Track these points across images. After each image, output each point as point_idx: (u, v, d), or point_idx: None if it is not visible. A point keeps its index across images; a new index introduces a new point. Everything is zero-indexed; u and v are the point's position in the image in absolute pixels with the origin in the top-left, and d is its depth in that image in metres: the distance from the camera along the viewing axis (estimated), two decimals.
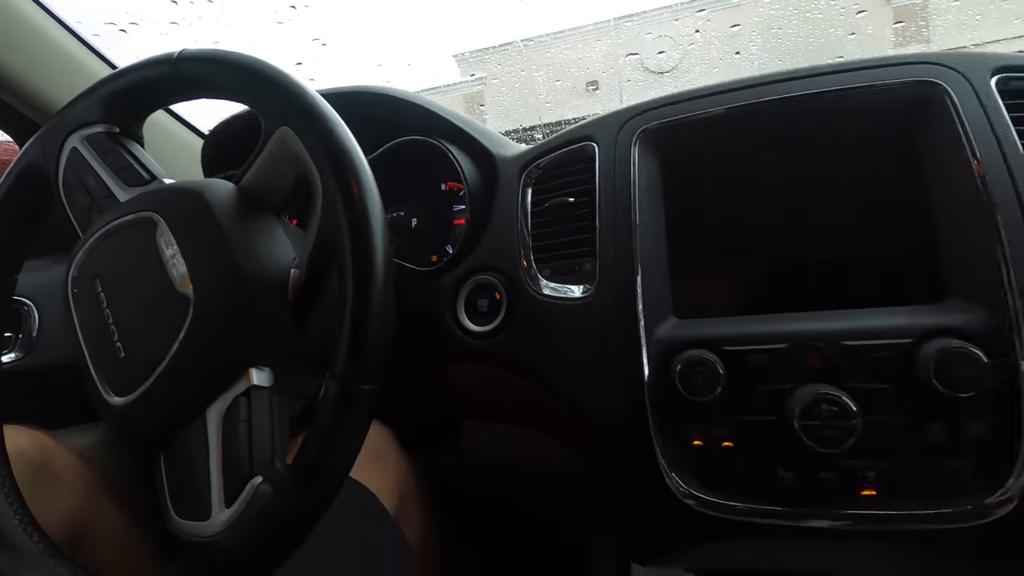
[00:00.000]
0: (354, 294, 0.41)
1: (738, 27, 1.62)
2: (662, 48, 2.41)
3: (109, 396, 0.48)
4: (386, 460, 0.68)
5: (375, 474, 0.64)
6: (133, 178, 0.54)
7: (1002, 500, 0.48)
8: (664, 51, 2.39)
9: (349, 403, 0.40)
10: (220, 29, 0.71)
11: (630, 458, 0.59)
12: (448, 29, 3.93)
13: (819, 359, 0.53)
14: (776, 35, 1.85)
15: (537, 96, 2.32)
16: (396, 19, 4.23)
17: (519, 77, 2.49)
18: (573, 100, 2.61)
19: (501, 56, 2.98)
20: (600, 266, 0.63)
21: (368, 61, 2.52)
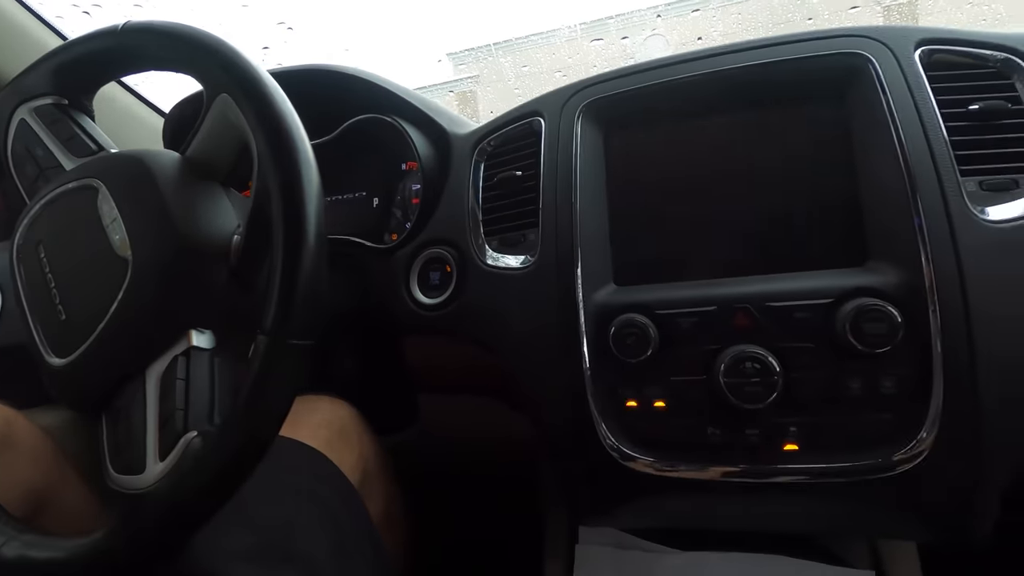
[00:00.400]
0: (284, 251, 0.41)
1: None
2: (655, 46, 2.43)
3: (50, 357, 0.49)
4: (350, 437, 0.69)
5: (339, 450, 0.65)
6: (80, 148, 0.55)
7: (913, 454, 0.51)
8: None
9: (278, 358, 0.41)
10: (185, 12, 0.71)
11: (570, 422, 0.60)
12: (436, 26, 3.91)
13: (745, 320, 0.55)
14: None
15: (525, 94, 2.32)
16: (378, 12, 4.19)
17: (508, 77, 2.51)
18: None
19: (491, 55, 2.99)
20: (542, 237, 0.64)
21: (336, 46, 2.50)
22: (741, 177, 0.61)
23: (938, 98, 0.55)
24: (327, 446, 0.66)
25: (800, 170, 0.59)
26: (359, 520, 0.63)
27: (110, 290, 0.46)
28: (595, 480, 0.61)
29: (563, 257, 0.62)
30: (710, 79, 0.61)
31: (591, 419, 0.58)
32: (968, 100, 0.55)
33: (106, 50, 0.53)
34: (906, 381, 0.51)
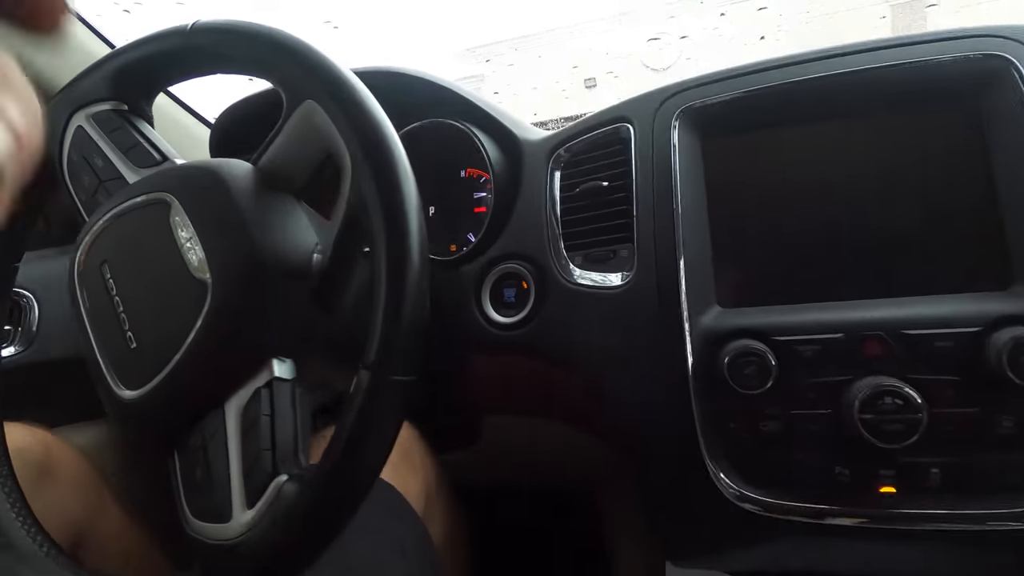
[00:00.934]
0: (388, 277, 0.38)
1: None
2: (659, 45, 2.40)
3: (119, 389, 0.44)
4: (413, 460, 0.66)
5: (404, 475, 0.61)
6: (143, 158, 0.50)
7: None
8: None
9: (382, 394, 0.37)
10: (228, 9, 0.67)
11: (672, 453, 0.56)
12: (449, 24, 3.90)
13: (878, 349, 0.50)
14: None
15: (532, 93, 2.29)
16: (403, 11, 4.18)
17: (516, 72, 2.47)
18: (571, 97, 2.59)
19: (495, 52, 2.96)
20: (639, 253, 0.59)
21: (380, 43, 2.48)
22: (860, 188, 0.56)
23: None
24: (393, 472, 0.62)
25: (928, 182, 0.54)
26: (425, 551, 0.60)
27: (187, 316, 0.42)
28: (699, 518, 0.56)
29: (664, 276, 0.57)
30: (825, 83, 0.56)
31: (699, 453, 0.53)
32: None
33: (173, 52, 0.49)
34: None
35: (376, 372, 0.37)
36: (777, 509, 0.52)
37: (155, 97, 0.55)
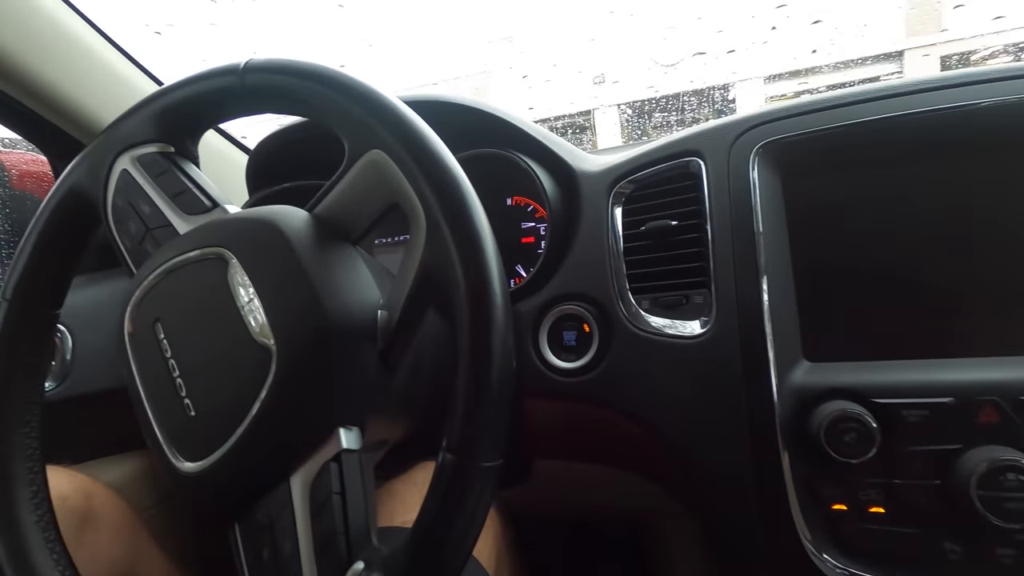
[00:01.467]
0: (472, 353, 0.35)
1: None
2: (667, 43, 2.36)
3: (179, 462, 0.41)
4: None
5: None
6: (192, 205, 0.47)
7: None
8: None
9: (471, 483, 0.34)
10: (261, 28, 0.64)
11: (759, 522, 0.51)
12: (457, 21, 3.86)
13: (994, 415, 0.46)
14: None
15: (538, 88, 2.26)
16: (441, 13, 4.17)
17: (523, 68, 2.43)
18: (579, 91, 2.55)
19: (502, 48, 2.92)
20: (717, 300, 0.55)
21: (411, 59, 2.44)
22: (963, 230, 0.51)
23: None
24: None
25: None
26: None
27: (251, 384, 0.39)
28: None
29: (748, 327, 0.53)
30: (922, 120, 0.52)
31: (791, 524, 0.49)
32: None
33: (225, 91, 0.46)
34: None
35: (464, 458, 0.34)
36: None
37: (201, 137, 0.52)
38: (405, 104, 0.41)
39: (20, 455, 0.48)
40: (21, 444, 0.48)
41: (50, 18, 0.70)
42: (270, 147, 0.79)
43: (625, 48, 2.60)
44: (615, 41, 2.63)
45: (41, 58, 0.68)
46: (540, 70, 2.50)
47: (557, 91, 2.28)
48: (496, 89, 2.87)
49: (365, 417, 0.42)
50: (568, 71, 2.36)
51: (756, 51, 1.81)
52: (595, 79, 2.66)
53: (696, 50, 1.54)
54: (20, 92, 0.69)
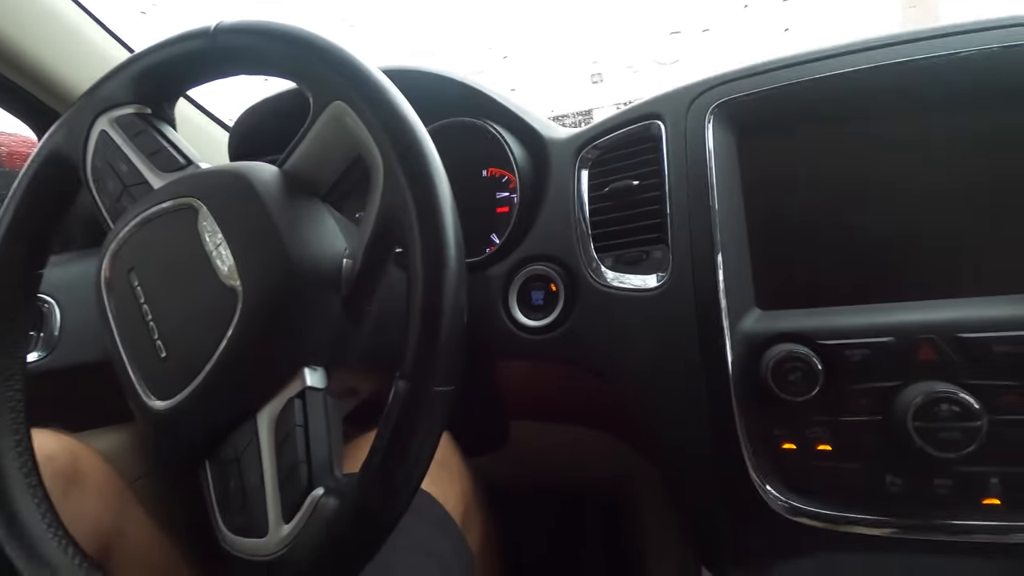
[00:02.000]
0: (425, 286, 0.37)
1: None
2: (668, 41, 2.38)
3: (150, 400, 0.43)
4: (451, 469, 0.65)
5: (442, 484, 0.61)
6: (167, 163, 0.49)
7: None
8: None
9: (423, 406, 0.36)
10: (243, 9, 0.65)
11: (713, 464, 0.54)
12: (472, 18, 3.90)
13: (931, 353, 0.48)
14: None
15: (539, 83, 2.27)
16: None
17: (520, 69, 2.45)
18: (578, 92, 2.57)
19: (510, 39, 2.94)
20: (674, 254, 0.57)
21: (395, 41, 2.48)
22: (910, 185, 0.53)
23: None
24: (431, 482, 0.61)
25: (982, 174, 0.51)
26: (463, 561, 0.59)
27: (218, 324, 0.41)
28: (743, 530, 0.54)
29: (702, 278, 0.55)
30: (875, 75, 0.54)
31: (743, 464, 0.52)
32: None
33: (197, 53, 0.48)
34: None
35: (415, 383, 0.36)
36: (826, 519, 0.50)
37: (177, 100, 0.54)
38: (376, 68, 0.43)
39: (4, 406, 0.50)
40: (5, 396, 0.50)
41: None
42: (249, 121, 0.82)
43: (625, 47, 2.62)
44: (614, 40, 2.65)
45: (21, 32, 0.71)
46: (539, 68, 2.53)
47: (556, 89, 2.31)
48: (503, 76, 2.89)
49: (330, 359, 0.44)
50: (567, 69, 2.39)
51: (760, 48, 1.84)
52: (593, 78, 2.68)
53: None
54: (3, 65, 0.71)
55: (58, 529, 0.45)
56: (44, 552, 0.44)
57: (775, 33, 1.82)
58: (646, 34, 2.35)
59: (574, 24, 2.62)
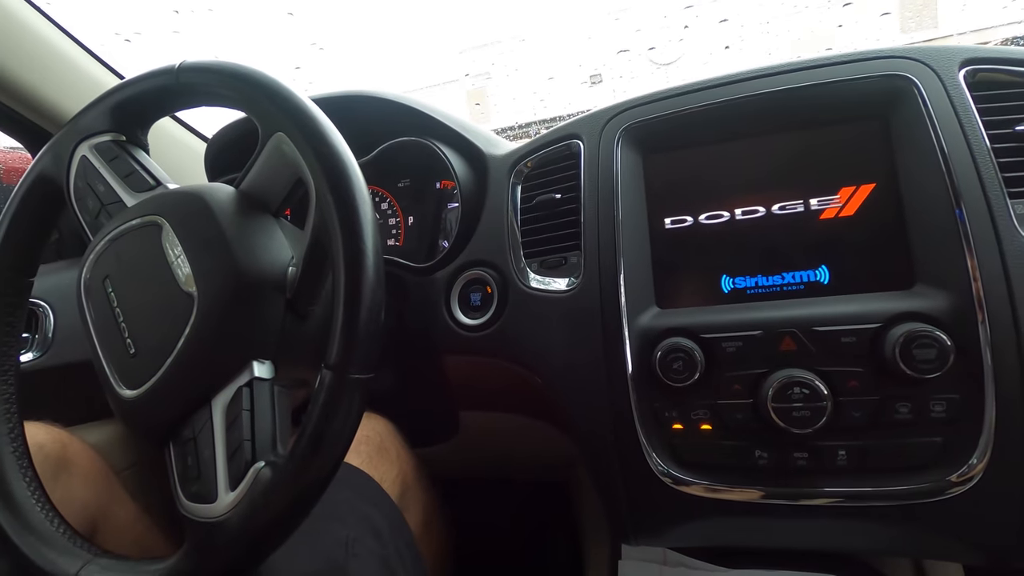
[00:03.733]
0: (345, 288, 0.43)
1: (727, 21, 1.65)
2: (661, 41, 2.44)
3: (121, 389, 0.50)
4: (389, 453, 0.71)
5: (379, 466, 0.67)
6: (139, 184, 0.57)
7: (965, 478, 0.51)
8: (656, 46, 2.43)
9: (342, 391, 0.43)
10: (220, 36, 0.73)
11: (615, 445, 0.61)
12: (449, 26, 3.95)
13: (792, 344, 0.55)
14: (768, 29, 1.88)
15: (534, 92, 2.34)
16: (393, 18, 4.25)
17: (519, 73, 2.52)
18: (576, 93, 2.63)
19: (500, 51, 3.01)
20: (585, 259, 0.65)
21: (365, 61, 2.54)
22: (780, 199, 0.61)
23: (984, 119, 0.55)
24: (368, 463, 0.68)
25: (846, 189, 0.59)
26: (401, 535, 0.65)
27: (178, 325, 0.48)
28: (642, 502, 0.62)
29: (606, 280, 0.63)
30: (747, 102, 0.62)
31: (638, 443, 0.59)
32: (1015, 120, 0.54)
33: (163, 88, 0.55)
34: (957, 405, 0.51)
35: (336, 371, 0.43)
36: (705, 489, 0.58)
37: (150, 127, 0.61)
38: (329, 100, 0.51)
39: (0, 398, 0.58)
40: (0, 389, 0.58)
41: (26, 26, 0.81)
42: (222, 140, 0.90)
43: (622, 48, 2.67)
44: (611, 41, 2.71)
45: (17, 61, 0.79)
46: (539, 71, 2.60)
47: (558, 91, 2.37)
48: (495, 91, 2.95)
49: (277, 354, 0.51)
50: (566, 71, 2.44)
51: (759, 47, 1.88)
52: (592, 78, 2.73)
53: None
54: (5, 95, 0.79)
55: (46, 505, 0.53)
56: (35, 524, 0.51)
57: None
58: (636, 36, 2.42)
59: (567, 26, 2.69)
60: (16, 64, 0.80)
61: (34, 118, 0.84)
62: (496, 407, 0.83)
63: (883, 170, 0.58)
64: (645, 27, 1.70)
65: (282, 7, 3.18)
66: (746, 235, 0.62)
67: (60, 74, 0.83)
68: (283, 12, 3.16)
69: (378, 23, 7.99)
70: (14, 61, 0.80)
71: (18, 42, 0.80)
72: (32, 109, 0.83)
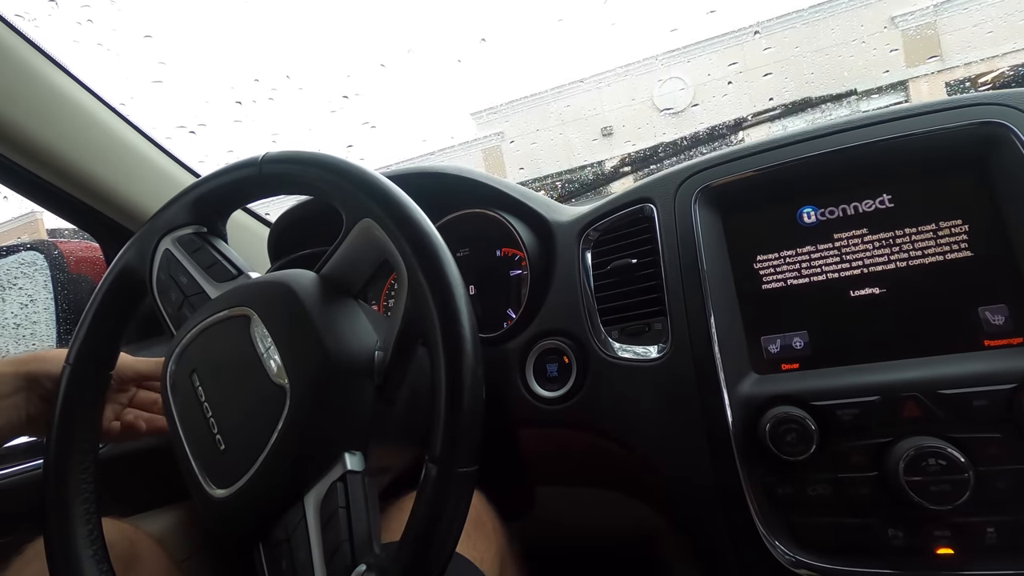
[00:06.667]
0: (447, 379, 0.42)
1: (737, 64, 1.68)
2: (674, 89, 2.49)
3: (211, 489, 0.49)
4: (486, 528, 0.68)
5: (478, 544, 0.64)
6: (222, 274, 0.57)
7: None
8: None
9: (451, 486, 0.41)
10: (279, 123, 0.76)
11: (723, 521, 0.57)
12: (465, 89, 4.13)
13: (916, 410, 0.51)
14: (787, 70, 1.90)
15: (552, 146, 2.39)
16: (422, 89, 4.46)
17: (534, 129, 2.58)
18: (590, 146, 2.69)
19: (514, 111, 3.11)
20: (672, 326, 0.63)
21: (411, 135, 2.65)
22: (878, 250, 0.58)
23: None
24: (466, 540, 0.65)
25: (945, 241, 0.57)
26: None
27: (270, 419, 0.47)
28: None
29: (700, 347, 0.60)
30: (832, 158, 0.60)
31: (752, 524, 0.55)
32: None
33: (246, 180, 0.56)
34: None
35: (443, 465, 0.41)
36: (830, 573, 0.52)
37: (228, 218, 0.62)
38: (394, 178, 0.51)
39: (78, 498, 0.56)
40: (79, 488, 0.57)
41: (104, 128, 0.85)
42: (286, 222, 0.91)
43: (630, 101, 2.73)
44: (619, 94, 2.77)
45: (95, 159, 0.82)
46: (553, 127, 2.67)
47: (569, 145, 2.43)
48: (509, 147, 3.04)
49: (367, 443, 0.49)
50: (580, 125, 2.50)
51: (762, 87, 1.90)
52: (604, 131, 2.79)
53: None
54: (78, 190, 0.82)
55: None
56: None
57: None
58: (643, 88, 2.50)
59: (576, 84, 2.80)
60: (96, 164, 0.83)
61: (111, 214, 0.87)
62: (572, 481, 0.79)
63: (985, 218, 0.55)
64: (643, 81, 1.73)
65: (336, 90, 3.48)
66: (842, 293, 0.59)
67: (139, 172, 0.87)
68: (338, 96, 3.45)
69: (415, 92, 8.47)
70: (96, 161, 0.83)
71: (100, 145, 0.84)
72: (105, 203, 0.86)
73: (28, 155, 0.77)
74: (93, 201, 0.83)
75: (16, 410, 0.59)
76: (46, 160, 0.78)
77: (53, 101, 0.78)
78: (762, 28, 2.51)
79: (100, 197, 0.83)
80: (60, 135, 0.78)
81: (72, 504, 0.56)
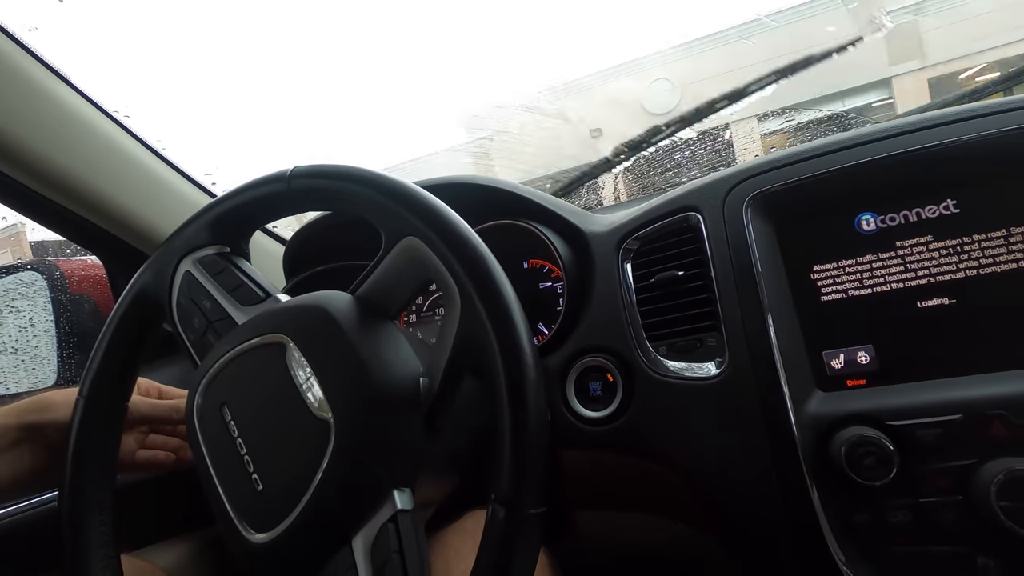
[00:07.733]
0: (511, 411, 0.39)
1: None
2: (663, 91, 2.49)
3: (248, 533, 0.45)
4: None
5: None
6: (248, 297, 0.53)
7: None
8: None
9: (518, 531, 0.37)
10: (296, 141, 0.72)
11: (794, 548, 0.53)
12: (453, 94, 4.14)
13: (1003, 429, 0.48)
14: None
15: (542, 149, 2.37)
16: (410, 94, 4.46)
17: (523, 133, 2.56)
18: (580, 147, 2.67)
19: (503, 114, 3.10)
20: (729, 342, 0.59)
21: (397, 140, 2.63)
22: (947, 263, 0.55)
23: None
24: None
25: (1019, 252, 0.53)
26: None
27: (313, 456, 0.43)
28: None
29: (761, 364, 0.56)
30: (893, 162, 0.57)
31: (825, 549, 0.51)
32: None
33: (273, 195, 0.52)
34: None
35: (511, 507, 0.37)
36: None
37: (251, 235, 0.58)
38: (427, 184, 0.47)
39: (96, 541, 0.52)
40: (97, 531, 0.53)
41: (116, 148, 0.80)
42: (304, 236, 0.87)
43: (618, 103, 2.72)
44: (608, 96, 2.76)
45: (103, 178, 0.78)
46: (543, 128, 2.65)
47: (559, 147, 2.41)
48: (498, 150, 3.02)
49: (415, 478, 0.45)
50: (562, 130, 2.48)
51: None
52: (593, 133, 2.78)
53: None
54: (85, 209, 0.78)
55: None
56: None
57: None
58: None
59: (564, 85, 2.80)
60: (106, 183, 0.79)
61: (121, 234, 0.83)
62: (616, 505, 0.75)
63: None
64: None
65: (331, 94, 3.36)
66: (909, 304, 0.56)
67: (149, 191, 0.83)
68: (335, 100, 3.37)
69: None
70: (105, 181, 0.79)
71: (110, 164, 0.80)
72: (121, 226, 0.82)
73: (17, 166, 0.72)
74: (98, 219, 0.79)
75: (19, 463, 0.55)
76: (39, 171, 0.73)
77: (45, 108, 0.73)
78: (748, 30, 2.53)
79: (106, 215, 0.78)
80: (55, 144, 0.73)
81: (90, 552, 0.52)
